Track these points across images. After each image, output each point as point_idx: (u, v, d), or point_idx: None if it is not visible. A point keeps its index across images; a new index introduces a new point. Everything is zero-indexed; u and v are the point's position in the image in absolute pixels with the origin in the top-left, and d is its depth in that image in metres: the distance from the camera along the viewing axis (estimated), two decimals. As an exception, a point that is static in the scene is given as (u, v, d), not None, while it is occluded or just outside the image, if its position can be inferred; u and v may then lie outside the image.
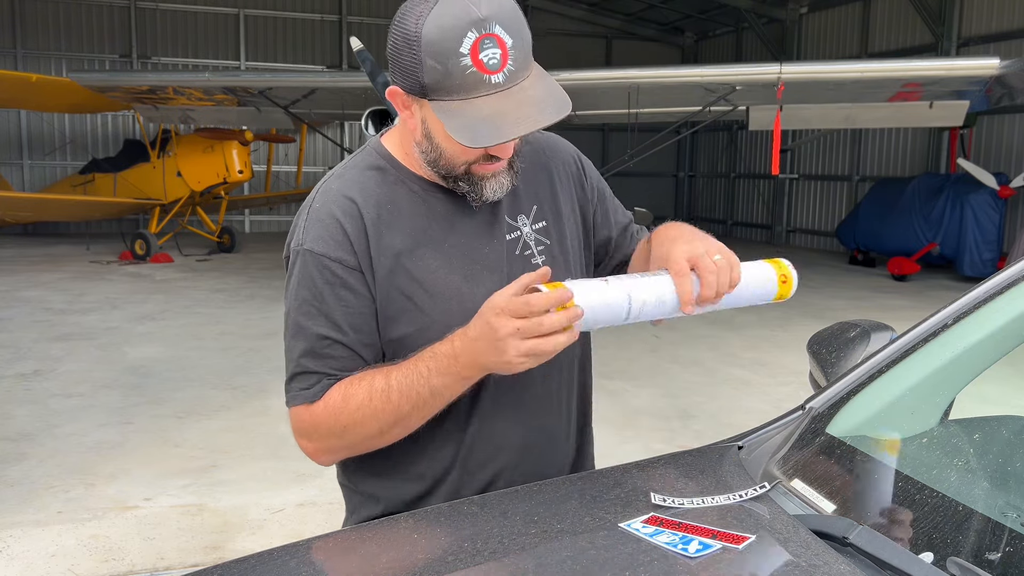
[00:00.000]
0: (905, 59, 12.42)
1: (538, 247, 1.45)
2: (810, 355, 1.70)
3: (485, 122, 1.20)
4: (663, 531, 1.12)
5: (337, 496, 1.57)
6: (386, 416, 1.29)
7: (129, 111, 14.41)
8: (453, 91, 1.20)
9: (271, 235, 18.35)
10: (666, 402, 5.56)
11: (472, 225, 1.40)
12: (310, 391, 1.33)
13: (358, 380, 1.31)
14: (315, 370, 1.33)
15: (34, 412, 5.23)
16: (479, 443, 1.40)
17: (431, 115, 1.26)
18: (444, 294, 1.35)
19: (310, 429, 1.34)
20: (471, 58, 1.18)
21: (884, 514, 1.16)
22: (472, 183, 1.34)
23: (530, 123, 1.21)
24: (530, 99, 1.22)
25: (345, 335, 1.32)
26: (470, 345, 1.21)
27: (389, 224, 1.35)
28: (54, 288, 10.27)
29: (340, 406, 1.30)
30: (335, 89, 11.12)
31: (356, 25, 18.85)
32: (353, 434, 1.32)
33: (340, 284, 1.32)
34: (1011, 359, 1.49)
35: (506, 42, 1.19)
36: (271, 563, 1.13)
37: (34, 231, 16.88)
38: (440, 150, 1.31)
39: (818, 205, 17.80)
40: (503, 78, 1.20)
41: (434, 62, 1.18)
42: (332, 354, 1.32)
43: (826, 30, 17.31)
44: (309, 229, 1.35)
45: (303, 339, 1.33)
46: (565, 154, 1.56)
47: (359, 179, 1.38)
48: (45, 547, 3.38)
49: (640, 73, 9.86)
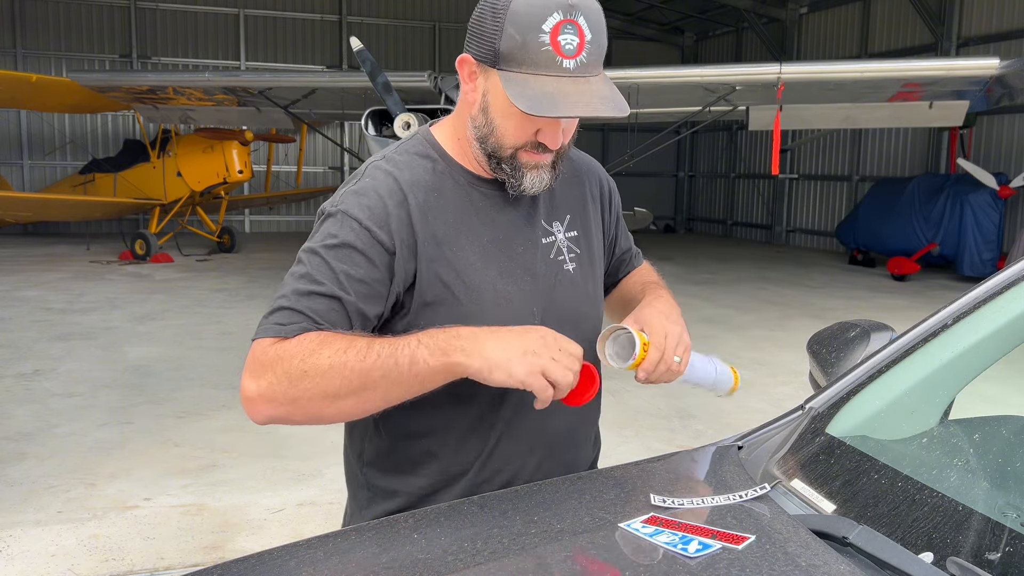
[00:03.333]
0: (905, 59, 12.42)
1: (570, 254, 1.48)
2: (810, 355, 1.70)
3: (546, 96, 1.22)
4: (663, 531, 1.12)
5: (337, 496, 1.57)
6: (352, 375, 1.21)
7: (129, 111, 14.43)
8: (524, 63, 1.23)
9: (271, 235, 18.37)
10: (666, 402, 5.56)
11: (510, 223, 1.42)
12: (286, 327, 1.25)
13: (342, 334, 1.26)
14: (300, 310, 1.26)
15: (34, 412, 5.23)
16: (500, 446, 1.41)
17: (495, 86, 1.28)
18: (480, 287, 1.36)
19: (265, 367, 1.24)
20: (550, 37, 1.22)
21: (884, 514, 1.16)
22: (515, 169, 1.35)
23: (589, 108, 1.24)
24: (593, 91, 1.25)
25: (345, 292, 1.29)
26: (489, 335, 1.22)
27: (435, 212, 1.36)
28: (54, 288, 10.27)
29: (312, 347, 1.22)
30: (335, 89, 11.12)
31: (356, 25, 18.86)
32: (309, 383, 1.21)
33: (360, 250, 1.31)
34: (1011, 359, 1.49)
35: (586, 34, 1.24)
36: (271, 563, 1.13)
37: (34, 231, 16.89)
38: (493, 126, 1.32)
39: (818, 205, 17.80)
40: (574, 66, 1.24)
41: (514, 31, 1.23)
42: (323, 305, 1.27)
43: (826, 30, 17.32)
44: (351, 197, 1.34)
45: (301, 281, 1.29)
46: (597, 176, 1.61)
47: (410, 164, 1.39)
48: (45, 547, 3.38)
49: (640, 73, 9.86)
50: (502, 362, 1.20)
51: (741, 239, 19.90)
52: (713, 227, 21.52)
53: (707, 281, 12.01)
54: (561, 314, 1.43)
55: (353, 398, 1.23)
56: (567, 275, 1.46)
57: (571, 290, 1.46)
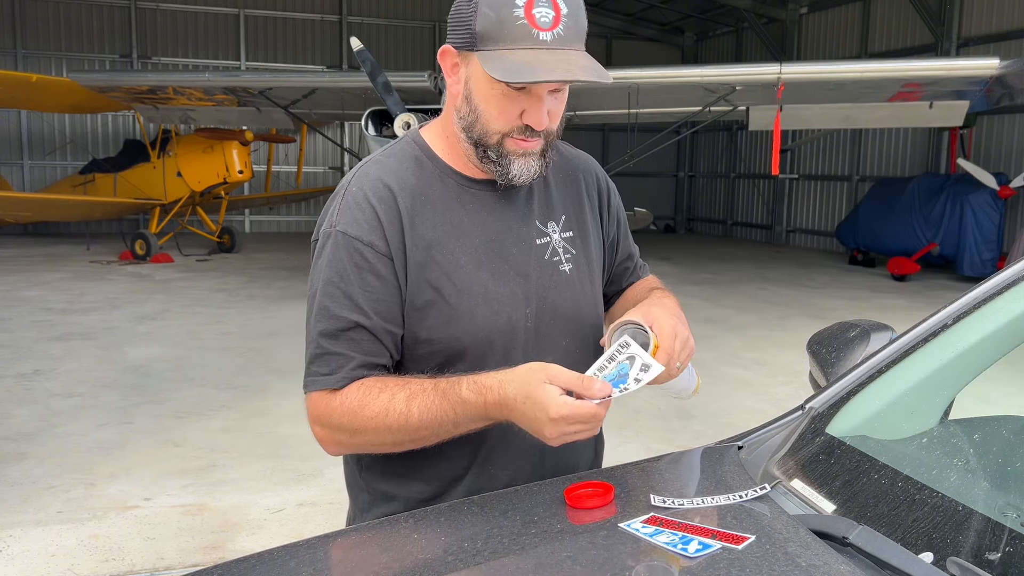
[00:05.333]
0: (905, 59, 12.42)
1: (565, 255, 1.46)
2: (810, 355, 1.70)
3: (523, 65, 1.23)
4: (663, 531, 1.12)
5: (337, 496, 1.57)
6: (401, 434, 1.29)
7: (129, 111, 14.43)
8: (501, 39, 1.24)
9: (271, 235, 18.37)
10: (666, 402, 5.56)
11: (503, 224, 1.41)
12: (331, 377, 1.32)
13: (378, 390, 1.30)
14: (335, 351, 1.32)
15: (34, 412, 5.23)
16: (498, 448, 1.41)
17: (476, 70, 1.28)
18: (471, 290, 1.36)
19: (324, 417, 1.34)
20: (524, 11, 1.23)
21: (884, 514, 1.16)
22: (502, 157, 1.34)
23: (568, 74, 1.24)
24: (573, 60, 1.25)
25: (368, 319, 1.32)
26: (508, 404, 1.23)
27: (423, 215, 1.36)
28: (54, 288, 10.27)
29: (355, 411, 1.30)
30: (335, 89, 11.13)
31: (356, 25, 18.87)
32: (364, 438, 1.33)
33: (368, 269, 1.32)
34: (1011, 359, 1.49)
35: (561, 8, 1.25)
36: (271, 563, 1.13)
37: (34, 231, 16.89)
38: (478, 112, 1.32)
39: (818, 205, 17.80)
40: (551, 38, 1.24)
41: (488, 9, 1.24)
42: (353, 337, 1.32)
43: (826, 30, 17.32)
44: (343, 212, 1.35)
45: (325, 320, 1.33)
46: (594, 173, 1.58)
47: (397, 168, 1.39)
48: (45, 547, 3.38)
49: (640, 73, 9.86)
50: (532, 430, 1.23)
51: (741, 239, 19.90)
52: (713, 227, 21.52)
53: (707, 281, 12.00)
54: (556, 315, 1.42)
55: (407, 447, 1.33)
56: (563, 276, 1.44)
57: (567, 291, 1.44)
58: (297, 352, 7.22)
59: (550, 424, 1.18)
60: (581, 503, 1.22)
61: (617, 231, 1.61)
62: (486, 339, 1.36)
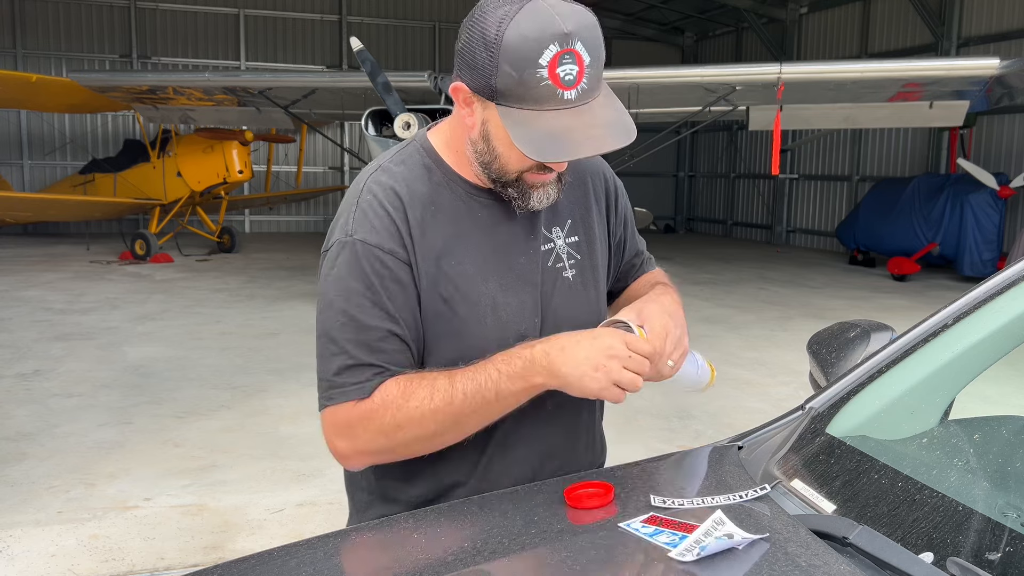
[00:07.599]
0: (905, 59, 12.42)
1: (569, 261, 1.45)
2: (810, 355, 1.70)
3: (552, 137, 1.20)
4: (663, 531, 1.12)
5: (337, 497, 1.57)
6: (445, 417, 1.26)
7: (129, 111, 14.41)
8: (524, 100, 1.20)
9: (271, 235, 18.37)
10: (666, 402, 5.56)
11: (510, 234, 1.39)
12: (366, 385, 1.28)
13: (418, 378, 1.28)
14: (370, 362, 1.28)
15: (34, 412, 5.23)
16: (499, 452, 1.40)
17: (494, 118, 1.25)
18: (480, 301, 1.35)
19: (355, 426, 1.29)
20: (548, 71, 1.17)
21: (884, 514, 1.16)
22: (521, 191, 1.33)
23: (596, 145, 1.22)
24: (598, 120, 1.22)
25: (400, 328, 1.30)
26: (559, 353, 1.23)
27: (432, 225, 1.34)
28: (54, 288, 10.27)
29: (399, 401, 1.26)
30: (335, 89, 11.12)
31: (356, 25, 18.86)
32: (405, 433, 1.28)
33: (390, 277, 1.30)
34: (1011, 359, 1.48)
35: (584, 60, 1.19)
36: (271, 563, 1.13)
37: (34, 231, 16.89)
38: (496, 153, 1.30)
39: (818, 205, 17.80)
40: (575, 95, 1.20)
41: (510, 68, 1.18)
42: (386, 347, 1.29)
43: (826, 30, 17.32)
44: (360, 220, 1.32)
45: (354, 330, 1.29)
46: (602, 174, 1.56)
47: (407, 176, 1.37)
48: (45, 547, 3.38)
49: (640, 73, 9.86)
50: (575, 380, 1.23)
51: (741, 239, 19.90)
52: (713, 227, 21.52)
53: (707, 281, 12.00)
54: (560, 323, 1.41)
55: (449, 435, 1.30)
56: (566, 282, 1.43)
57: (570, 297, 1.44)
58: (297, 352, 7.20)
59: (605, 358, 1.21)
60: (581, 503, 1.22)
61: (624, 230, 1.59)
62: (494, 349, 1.34)
